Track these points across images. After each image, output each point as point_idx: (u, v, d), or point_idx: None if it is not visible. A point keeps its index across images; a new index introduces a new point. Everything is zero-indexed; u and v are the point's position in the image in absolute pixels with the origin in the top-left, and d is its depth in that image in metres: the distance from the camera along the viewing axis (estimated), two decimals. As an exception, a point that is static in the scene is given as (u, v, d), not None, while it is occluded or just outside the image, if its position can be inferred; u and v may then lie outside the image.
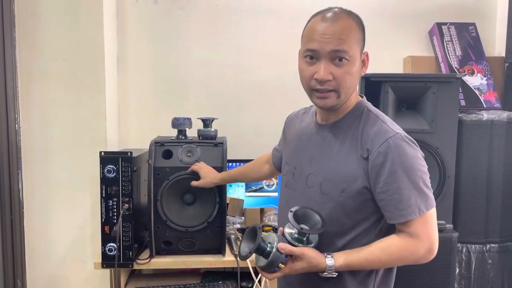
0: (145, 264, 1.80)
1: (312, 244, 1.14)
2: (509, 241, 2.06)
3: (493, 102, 2.17)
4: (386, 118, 1.18)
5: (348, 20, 1.12)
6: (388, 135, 1.11)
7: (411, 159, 1.10)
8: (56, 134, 2.12)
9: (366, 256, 1.11)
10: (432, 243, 1.12)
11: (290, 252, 1.11)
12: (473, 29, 2.33)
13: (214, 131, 1.90)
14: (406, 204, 1.09)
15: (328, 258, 1.11)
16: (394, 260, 1.13)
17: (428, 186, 1.13)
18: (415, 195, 1.09)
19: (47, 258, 2.17)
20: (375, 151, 1.10)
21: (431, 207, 1.12)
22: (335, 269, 1.11)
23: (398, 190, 1.09)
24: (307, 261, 1.11)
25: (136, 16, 2.33)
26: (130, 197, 1.75)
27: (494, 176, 1.99)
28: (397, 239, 1.12)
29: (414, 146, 1.12)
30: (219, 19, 2.37)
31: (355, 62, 1.12)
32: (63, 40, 2.07)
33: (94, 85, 2.09)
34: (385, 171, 1.09)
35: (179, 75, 2.38)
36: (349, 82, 1.13)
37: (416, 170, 1.10)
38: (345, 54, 1.10)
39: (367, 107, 1.20)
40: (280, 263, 1.11)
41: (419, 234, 1.10)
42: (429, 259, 1.14)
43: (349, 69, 1.11)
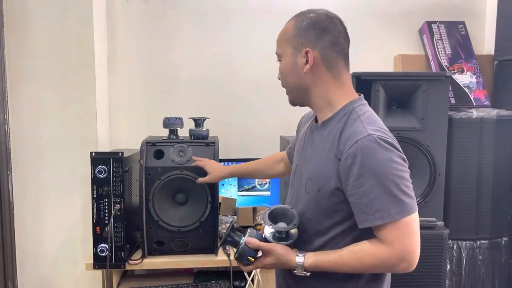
0: (137, 264, 1.80)
1: (290, 241, 1.17)
2: (499, 237, 2.09)
3: (482, 100, 2.19)
4: (370, 118, 1.14)
5: (289, 22, 1.21)
6: (359, 136, 1.07)
7: (382, 162, 1.04)
8: (46, 135, 2.10)
9: (336, 259, 1.10)
10: (408, 252, 1.05)
11: (257, 247, 1.16)
12: (463, 28, 2.35)
13: (205, 131, 1.89)
14: (374, 209, 1.04)
15: (298, 257, 1.13)
16: (364, 266, 1.09)
17: (404, 191, 1.05)
18: (384, 199, 1.03)
19: (38, 259, 2.15)
20: (345, 152, 1.07)
21: (406, 214, 1.04)
22: (304, 268, 1.12)
23: (365, 193, 1.05)
24: (276, 257, 1.15)
25: (127, 15, 2.31)
26: (121, 198, 1.74)
27: (484, 173, 2.01)
28: (369, 245, 1.08)
29: (389, 148, 1.06)
30: (209, 18, 2.37)
31: (284, 61, 1.20)
32: (53, 39, 2.06)
33: (84, 85, 2.08)
34: (353, 174, 1.05)
35: (170, 75, 2.37)
36: (284, 79, 1.22)
37: (387, 174, 1.04)
38: (278, 56, 1.23)
39: (354, 107, 1.16)
40: (249, 257, 1.17)
41: (392, 241, 1.05)
42: (406, 270, 1.08)
43: (281, 68, 1.22)
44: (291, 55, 1.18)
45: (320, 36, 1.15)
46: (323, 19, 1.16)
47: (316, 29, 1.15)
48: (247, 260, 1.17)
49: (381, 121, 1.16)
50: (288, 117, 2.36)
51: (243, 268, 1.20)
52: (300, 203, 1.21)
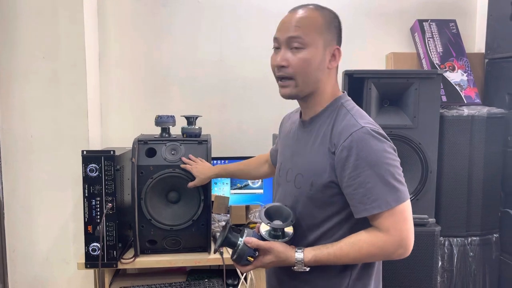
0: (130, 263, 1.79)
1: (286, 238, 1.17)
2: (489, 234, 2.11)
3: (473, 97, 2.21)
4: (359, 112, 1.17)
5: (310, 12, 1.16)
6: (353, 129, 1.10)
7: (377, 152, 1.08)
8: (36, 134, 2.08)
9: (335, 252, 1.11)
10: (404, 238, 1.09)
11: (257, 246, 1.14)
12: (454, 26, 2.36)
13: (198, 129, 1.89)
14: (371, 198, 1.07)
15: (297, 253, 1.13)
16: (363, 256, 1.11)
17: (398, 179, 1.09)
18: (381, 188, 1.07)
19: (29, 259, 2.14)
20: (340, 145, 1.10)
21: (401, 201, 1.09)
22: (305, 264, 1.12)
23: (362, 184, 1.07)
24: (276, 255, 1.14)
25: (118, 13, 2.29)
26: (113, 196, 1.73)
27: (474, 170, 2.02)
28: (366, 235, 1.10)
29: (382, 139, 1.10)
30: (202, 16, 2.36)
31: (312, 50, 1.13)
32: (43, 37, 2.04)
33: (75, 83, 2.06)
34: (350, 165, 1.08)
35: (162, 73, 2.36)
36: (305, 70, 1.14)
37: (382, 164, 1.08)
38: (299, 40, 1.13)
39: (342, 103, 1.19)
40: (248, 257, 1.15)
41: (388, 228, 1.08)
42: (403, 255, 1.11)
43: (305, 56, 1.13)
44: (322, 47, 1.15)
45: (340, 35, 1.20)
46: (339, 20, 1.21)
47: (338, 29, 1.19)
48: (246, 260, 1.16)
49: (368, 116, 1.19)
50: (280, 115, 2.35)
51: (241, 269, 1.19)
52: (290, 199, 1.22)
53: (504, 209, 2.10)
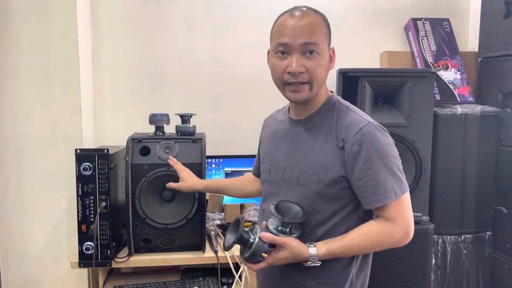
0: (124, 262, 1.78)
1: (295, 234, 1.17)
2: (482, 232, 2.12)
3: (466, 96, 2.22)
4: (357, 109, 1.23)
5: (315, 16, 1.18)
6: (361, 124, 1.15)
7: (385, 146, 1.14)
8: (29, 132, 2.07)
9: (347, 244, 1.15)
10: (408, 226, 1.16)
11: (273, 241, 1.13)
12: (447, 25, 2.37)
13: (192, 127, 1.88)
14: (382, 189, 1.13)
15: (311, 248, 1.14)
16: (374, 245, 1.16)
17: (401, 171, 1.17)
18: (390, 180, 1.13)
19: (22, 258, 2.12)
20: (350, 140, 1.14)
21: (405, 191, 1.16)
22: (319, 258, 1.14)
23: (374, 176, 1.13)
24: (290, 250, 1.13)
25: (111, 11, 2.28)
26: (107, 195, 1.72)
27: (468, 168, 2.04)
28: (376, 225, 1.16)
29: (386, 134, 1.17)
30: (196, 14, 2.35)
31: (324, 55, 1.17)
32: (35, 34, 2.02)
33: (68, 81, 2.05)
34: (361, 159, 1.13)
35: (156, 71, 2.35)
36: (320, 74, 1.18)
37: (389, 156, 1.14)
38: (315, 46, 1.15)
39: (338, 101, 1.24)
40: (263, 253, 1.13)
41: (396, 217, 1.14)
42: (405, 242, 1.17)
43: (320, 62, 1.16)
44: (327, 50, 1.20)
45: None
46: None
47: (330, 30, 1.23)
48: (261, 257, 1.13)
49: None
50: (275, 114, 2.38)
51: (253, 266, 1.16)
52: (294, 197, 1.22)
53: (497, 207, 2.12)
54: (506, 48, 2.07)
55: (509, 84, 2.07)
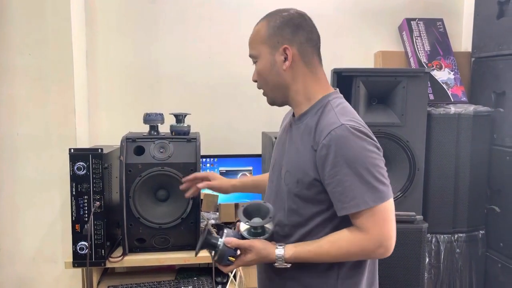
0: (118, 262, 1.78)
1: (266, 235, 1.18)
2: (475, 231, 2.14)
3: (460, 96, 2.23)
4: (343, 109, 1.16)
5: (259, 25, 1.22)
6: (332, 127, 1.10)
7: (355, 150, 1.07)
8: (23, 132, 2.06)
9: (315, 250, 1.12)
10: (384, 238, 1.09)
11: (237, 245, 1.16)
12: (441, 25, 2.39)
13: (187, 127, 1.88)
14: (349, 197, 1.07)
15: (278, 249, 1.14)
16: (343, 254, 1.11)
17: (378, 178, 1.08)
18: (359, 187, 1.07)
19: (15, 258, 2.11)
20: (320, 143, 1.10)
21: (381, 201, 1.08)
22: (285, 260, 1.13)
23: (340, 182, 1.08)
24: (256, 252, 1.15)
25: (106, 10, 2.27)
26: (101, 195, 1.72)
27: (461, 168, 2.05)
28: (347, 233, 1.11)
29: (362, 137, 1.09)
30: (190, 13, 2.35)
31: (261, 61, 1.20)
32: (29, 33, 2.01)
33: (62, 80, 2.04)
34: (328, 163, 1.08)
35: (151, 70, 2.34)
36: (263, 80, 1.22)
37: (361, 162, 1.07)
38: (252, 57, 1.23)
39: (329, 100, 1.19)
40: (229, 257, 1.16)
41: (368, 228, 1.08)
42: (383, 255, 1.11)
43: (259, 69, 1.22)
44: (268, 54, 1.19)
45: (295, 32, 1.18)
46: (296, 16, 1.20)
47: (291, 26, 1.18)
48: (228, 260, 1.17)
49: (354, 112, 1.19)
50: (270, 113, 2.36)
51: (224, 269, 1.21)
52: (280, 196, 1.23)
53: (490, 206, 2.13)
54: (499, 48, 2.09)
55: (502, 84, 2.08)
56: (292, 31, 1.18)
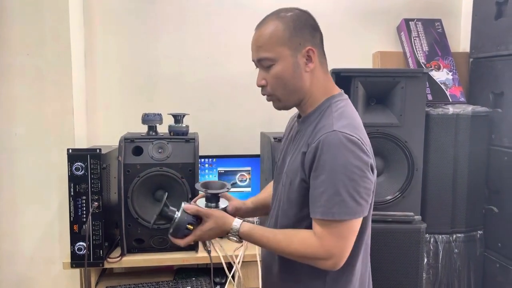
0: (116, 262, 1.78)
1: (221, 207, 1.25)
2: (474, 231, 2.14)
3: (458, 96, 2.23)
4: (342, 114, 1.13)
5: (270, 24, 1.14)
6: (324, 131, 1.08)
7: (338, 160, 1.05)
8: (20, 132, 2.05)
9: (268, 236, 1.14)
10: (337, 253, 1.07)
11: (197, 211, 1.17)
12: (439, 25, 2.39)
13: (185, 127, 1.88)
14: (318, 203, 1.07)
15: (235, 221, 1.17)
16: (292, 251, 1.11)
17: (352, 194, 1.04)
18: (329, 197, 1.05)
19: (13, 258, 2.11)
20: (310, 146, 1.10)
21: (347, 217, 1.05)
22: (239, 234, 1.15)
23: (316, 187, 1.07)
24: (214, 220, 1.17)
25: (104, 9, 2.27)
26: (99, 195, 1.71)
27: (459, 168, 2.05)
28: (304, 234, 1.11)
29: (351, 149, 1.05)
30: (189, 14, 2.34)
31: (281, 64, 1.13)
32: (27, 33, 2.00)
33: (60, 80, 2.04)
34: (313, 166, 1.08)
35: (149, 70, 2.34)
36: (281, 85, 1.14)
37: (339, 173, 1.04)
38: (267, 60, 1.14)
39: (331, 103, 1.16)
40: (188, 224, 1.15)
41: (323, 237, 1.07)
42: (330, 268, 1.09)
43: (277, 72, 1.13)
44: (290, 56, 1.13)
45: (313, 33, 1.16)
46: (309, 16, 1.18)
47: (309, 27, 1.15)
48: (186, 229, 1.16)
49: (354, 118, 1.15)
50: (269, 114, 2.38)
51: (181, 242, 1.18)
52: (280, 197, 1.23)
53: (488, 206, 2.14)
54: (497, 49, 2.09)
55: (500, 84, 2.09)
56: (310, 31, 1.16)
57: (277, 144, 1.86)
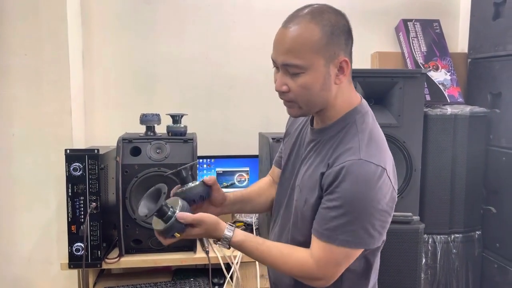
0: (114, 263, 1.77)
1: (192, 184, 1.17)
2: (472, 231, 2.14)
3: (456, 96, 2.24)
4: (369, 138, 1.04)
5: (305, 26, 0.99)
6: (349, 157, 0.99)
7: (360, 195, 0.97)
8: (18, 132, 2.04)
9: (263, 250, 1.08)
10: (327, 277, 1.03)
11: (191, 221, 1.06)
12: (437, 26, 2.39)
13: (183, 127, 1.88)
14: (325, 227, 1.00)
15: (228, 229, 1.08)
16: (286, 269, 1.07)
17: (367, 228, 0.99)
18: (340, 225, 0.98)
19: (11, 259, 2.10)
20: (331, 168, 1.01)
21: (353, 246, 1.00)
22: (230, 243, 1.08)
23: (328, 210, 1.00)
24: (205, 228, 1.07)
25: (102, 10, 2.26)
26: (97, 196, 1.71)
27: (457, 169, 2.05)
28: (301, 253, 1.05)
29: (378, 185, 0.97)
30: (187, 13, 2.34)
31: (312, 74, 1.00)
32: (25, 34, 2.00)
33: (58, 80, 2.03)
34: (330, 189, 1.00)
35: (147, 70, 2.33)
36: (307, 96, 1.02)
37: (358, 208, 0.98)
38: (296, 68, 1.00)
39: (356, 119, 1.07)
40: (177, 233, 1.07)
41: (320, 261, 1.02)
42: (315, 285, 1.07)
43: (305, 82, 1.00)
44: (323, 66, 1.00)
45: (348, 40, 1.06)
46: (346, 20, 1.07)
47: (345, 33, 1.04)
48: (173, 236, 1.08)
49: (381, 140, 1.07)
50: (267, 114, 2.38)
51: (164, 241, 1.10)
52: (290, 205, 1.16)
53: (486, 206, 2.14)
54: (495, 49, 2.09)
55: (498, 85, 2.09)
56: (346, 38, 1.04)
57: (275, 144, 1.86)
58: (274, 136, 1.90)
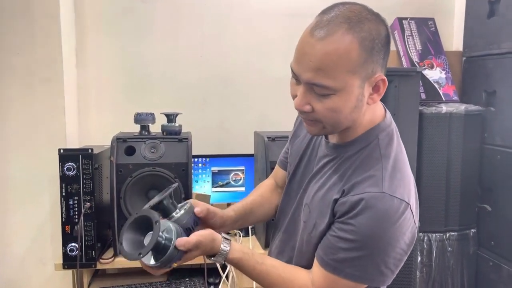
0: (109, 263, 1.76)
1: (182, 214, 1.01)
2: (467, 229, 2.15)
3: (451, 95, 2.24)
4: (394, 168, 0.91)
5: (343, 39, 0.82)
6: (370, 189, 0.87)
7: (378, 233, 0.86)
8: (11, 132, 2.03)
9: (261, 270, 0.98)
10: None
11: (192, 247, 0.93)
12: (432, 24, 2.39)
13: (178, 126, 1.87)
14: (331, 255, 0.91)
15: (223, 244, 0.97)
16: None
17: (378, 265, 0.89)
18: (349, 258, 0.88)
19: (4, 260, 2.08)
20: (347, 196, 0.89)
21: (359, 281, 0.90)
22: (226, 260, 0.98)
23: (338, 240, 0.89)
24: (202, 249, 0.96)
25: (96, 7, 2.24)
26: (92, 196, 1.70)
27: (452, 167, 2.06)
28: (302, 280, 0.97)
29: (399, 224, 0.86)
30: (182, 12, 2.33)
31: (346, 96, 0.85)
32: (17, 32, 1.98)
33: (51, 79, 2.01)
34: (343, 219, 0.89)
35: (142, 69, 2.32)
36: (335, 118, 0.88)
37: (373, 245, 0.87)
38: (325, 89, 0.84)
39: (379, 140, 0.95)
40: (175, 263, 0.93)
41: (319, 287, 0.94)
42: None
43: (335, 105, 0.85)
44: (358, 87, 0.86)
45: (386, 53, 0.89)
46: (386, 27, 0.91)
47: (385, 46, 0.88)
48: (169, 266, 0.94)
49: (405, 167, 0.96)
50: (262, 113, 2.37)
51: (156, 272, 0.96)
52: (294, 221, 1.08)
53: (481, 204, 2.15)
54: (490, 48, 2.10)
55: (493, 83, 2.09)
56: (385, 52, 0.88)
57: (270, 143, 1.85)
58: (269, 135, 1.89)
